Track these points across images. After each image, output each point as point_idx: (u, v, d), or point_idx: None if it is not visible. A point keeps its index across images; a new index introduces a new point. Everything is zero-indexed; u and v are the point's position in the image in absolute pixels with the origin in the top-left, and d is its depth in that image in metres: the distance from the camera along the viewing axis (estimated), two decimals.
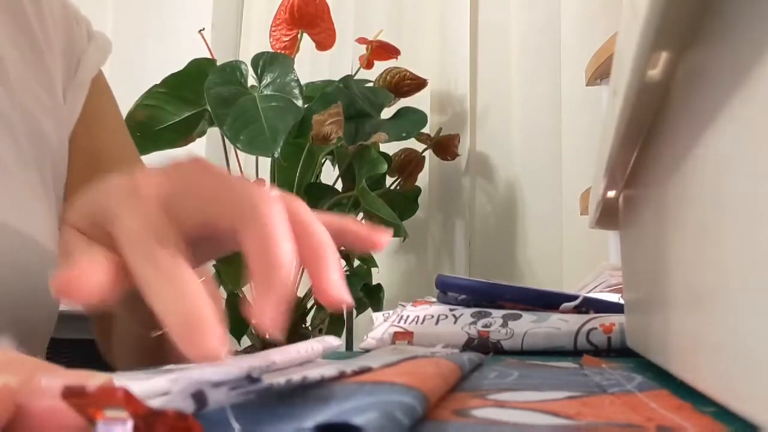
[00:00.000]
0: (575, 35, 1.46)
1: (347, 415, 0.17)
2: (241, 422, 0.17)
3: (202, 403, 0.17)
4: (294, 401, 0.20)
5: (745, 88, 0.17)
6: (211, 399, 0.18)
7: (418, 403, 0.20)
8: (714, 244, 0.20)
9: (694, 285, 0.23)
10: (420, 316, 0.59)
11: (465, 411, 0.22)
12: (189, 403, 0.17)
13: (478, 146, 1.69)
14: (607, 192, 0.41)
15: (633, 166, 0.35)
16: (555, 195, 1.51)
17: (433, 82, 1.59)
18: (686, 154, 0.23)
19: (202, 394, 0.17)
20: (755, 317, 0.16)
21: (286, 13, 1.26)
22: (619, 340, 0.49)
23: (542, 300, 0.57)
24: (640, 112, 0.27)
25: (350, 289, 0.28)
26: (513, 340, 0.53)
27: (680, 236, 0.25)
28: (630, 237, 0.40)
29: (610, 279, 0.76)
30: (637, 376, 0.32)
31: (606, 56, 1.12)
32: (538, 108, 1.59)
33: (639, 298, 0.38)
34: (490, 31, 1.69)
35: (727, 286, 0.19)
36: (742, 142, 0.17)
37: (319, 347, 0.48)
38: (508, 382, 0.31)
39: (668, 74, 0.24)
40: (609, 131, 0.31)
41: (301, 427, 0.17)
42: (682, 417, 0.21)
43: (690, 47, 0.22)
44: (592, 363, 0.39)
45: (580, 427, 0.20)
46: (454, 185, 1.66)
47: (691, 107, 0.22)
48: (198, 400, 0.17)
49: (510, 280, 1.35)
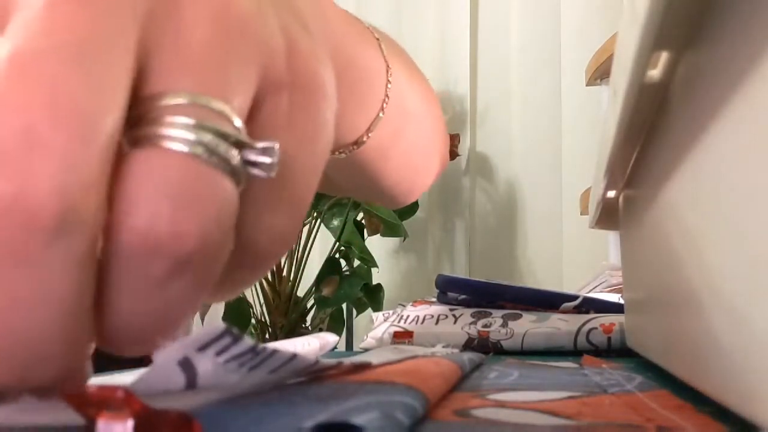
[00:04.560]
0: (575, 35, 1.46)
1: (347, 415, 0.17)
2: (240, 421, 0.17)
3: (192, 373, 0.17)
4: (294, 401, 0.20)
5: (745, 88, 0.17)
6: (199, 367, 0.17)
7: (418, 403, 0.20)
8: (714, 244, 0.20)
9: (693, 285, 0.23)
10: (420, 316, 0.59)
11: (465, 411, 0.22)
12: (178, 373, 0.17)
13: (478, 146, 1.69)
14: (607, 192, 0.41)
15: (633, 166, 0.35)
16: (555, 195, 1.52)
17: (433, 82, 1.59)
18: (686, 154, 0.23)
19: (189, 362, 0.17)
20: (755, 317, 0.16)
21: None
22: (619, 340, 0.49)
23: (542, 300, 0.57)
24: (640, 112, 0.27)
25: (350, 289, 0.28)
26: (513, 340, 0.53)
27: (680, 236, 0.25)
28: (630, 237, 0.40)
29: (610, 279, 0.76)
30: (637, 376, 0.32)
31: (606, 56, 1.12)
32: (538, 108, 1.59)
33: (639, 298, 0.38)
34: (490, 31, 1.69)
35: (727, 286, 0.19)
36: (742, 142, 0.17)
37: (316, 342, 0.48)
38: (508, 382, 0.31)
39: (668, 74, 0.24)
40: (609, 131, 0.31)
41: (301, 426, 0.17)
42: (683, 417, 0.21)
43: (690, 47, 0.22)
44: (592, 363, 0.39)
45: (580, 427, 0.20)
46: (454, 185, 1.66)
47: (691, 107, 0.22)
48: (186, 370, 0.17)
49: (510, 280, 1.35)
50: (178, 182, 0.16)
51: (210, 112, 0.17)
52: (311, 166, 0.19)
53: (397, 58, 0.39)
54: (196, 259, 0.16)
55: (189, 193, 0.16)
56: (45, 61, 0.15)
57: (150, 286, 0.16)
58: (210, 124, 0.16)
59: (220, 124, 0.17)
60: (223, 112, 0.17)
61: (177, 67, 0.17)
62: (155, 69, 0.17)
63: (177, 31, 0.17)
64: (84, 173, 0.15)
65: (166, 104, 0.16)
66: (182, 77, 0.17)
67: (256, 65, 0.18)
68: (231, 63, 0.17)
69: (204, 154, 0.16)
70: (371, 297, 1.55)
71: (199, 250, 0.16)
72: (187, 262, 0.16)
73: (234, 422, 0.17)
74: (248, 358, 0.19)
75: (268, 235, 0.19)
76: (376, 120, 0.36)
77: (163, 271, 0.16)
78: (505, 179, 1.66)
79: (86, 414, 0.16)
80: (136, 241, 0.16)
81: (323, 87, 0.20)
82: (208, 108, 0.17)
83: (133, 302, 0.16)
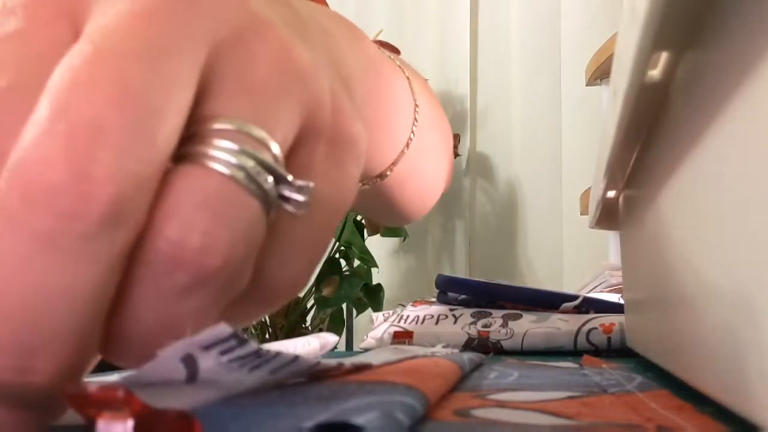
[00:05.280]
0: (575, 35, 1.46)
1: (347, 415, 0.17)
2: (240, 421, 0.17)
3: (193, 369, 0.17)
4: (294, 401, 0.20)
5: (745, 88, 0.17)
6: (201, 364, 0.17)
7: (418, 403, 0.20)
8: (714, 244, 0.20)
9: (693, 285, 0.23)
10: (420, 316, 0.59)
11: (465, 411, 0.22)
12: (180, 368, 0.17)
13: (478, 146, 1.69)
14: (607, 192, 0.41)
15: (633, 166, 0.35)
16: (555, 195, 1.52)
17: (433, 82, 1.59)
18: (686, 154, 0.23)
19: (192, 358, 0.17)
20: (755, 317, 0.16)
21: None
22: (619, 340, 0.49)
23: (542, 300, 0.57)
24: (640, 112, 0.27)
25: (350, 289, 0.28)
26: (513, 340, 0.53)
27: (680, 236, 0.25)
28: (630, 237, 0.40)
29: (610, 279, 0.76)
30: (637, 376, 0.32)
31: (606, 56, 1.12)
32: (538, 108, 1.59)
33: (639, 298, 0.38)
34: (490, 31, 1.69)
35: (727, 285, 0.19)
36: (742, 142, 0.17)
37: (316, 342, 0.48)
38: (508, 382, 0.31)
39: (668, 74, 0.24)
40: (609, 131, 0.31)
41: (301, 426, 0.17)
42: (683, 417, 0.21)
43: (690, 47, 0.22)
44: (592, 363, 0.39)
45: (580, 427, 0.20)
46: (454, 185, 1.66)
47: (691, 107, 0.22)
48: (188, 365, 0.17)
49: (510, 280, 1.35)
50: (215, 201, 0.17)
51: (254, 142, 0.18)
52: (334, 213, 0.21)
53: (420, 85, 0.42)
54: (218, 276, 0.17)
55: (223, 213, 0.17)
56: (121, 60, 0.16)
57: (170, 295, 0.17)
58: (253, 152, 0.18)
59: (262, 153, 0.18)
60: (265, 142, 0.18)
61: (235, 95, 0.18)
62: (214, 92, 0.18)
63: (243, 64, 0.18)
64: (140, 171, 0.16)
65: (217, 127, 0.17)
66: (237, 105, 0.18)
67: (301, 109, 0.20)
68: (281, 102, 0.19)
69: (244, 179, 0.17)
70: (371, 297, 1.55)
71: (224, 268, 0.17)
72: (210, 277, 0.17)
73: (234, 422, 0.17)
74: (250, 360, 0.19)
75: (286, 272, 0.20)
76: (401, 155, 0.39)
77: (186, 282, 0.17)
78: (505, 179, 1.66)
79: (86, 414, 0.16)
80: (166, 249, 0.16)
81: (357, 146, 0.22)
82: (254, 137, 0.18)
83: (150, 309, 0.17)
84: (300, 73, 0.20)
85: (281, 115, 0.19)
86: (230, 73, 0.18)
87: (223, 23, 0.18)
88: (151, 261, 0.16)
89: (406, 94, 0.39)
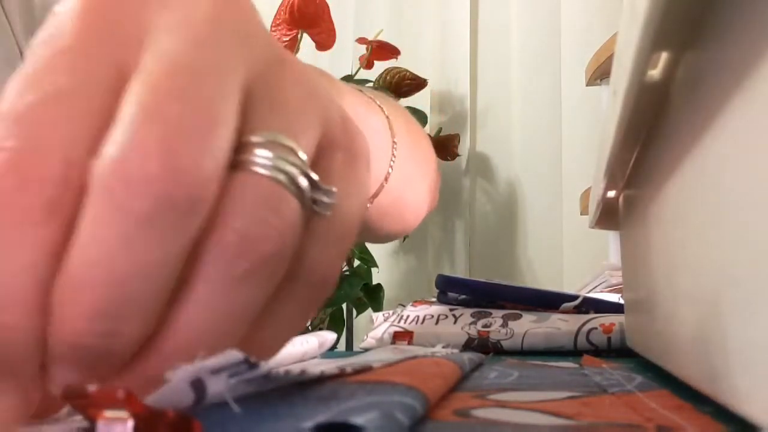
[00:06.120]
0: (575, 35, 1.46)
1: (347, 415, 0.17)
2: (240, 421, 0.17)
3: (201, 393, 0.17)
4: (294, 401, 0.20)
5: (745, 88, 0.17)
6: (210, 388, 0.17)
7: (418, 403, 0.20)
8: (714, 244, 0.20)
9: (693, 285, 0.23)
10: (420, 316, 0.59)
11: (465, 411, 0.22)
12: (188, 392, 0.17)
13: (478, 146, 1.69)
14: (607, 192, 0.41)
15: (633, 166, 0.35)
16: (555, 195, 1.51)
17: (433, 82, 1.59)
18: (686, 154, 0.23)
19: (201, 383, 0.17)
20: (755, 317, 0.16)
21: (286, 13, 1.26)
22: (619, 340, 0.49)
23: (542, 300, 0.57)
24: (640, 112, 0.27)
25: (350, 289, 0.28)
26: (513, 340, 0.53)
27: (680, 236, 0.25)
28: (630, 237, 0.40)
29: (610, 279, 0.76)
30: (637, 376, 0.32)
31: (606, 56, 1.12)
32: (538, 108, 1.58)
33: (639, 298, 0.38)
34: (490, 31, 1.69)
35: (727, 286, 0.19)
36: (742, 141, 0.17)
37: (315, 340, 0.48)
38: (508, 382, 0.31)
39: (668, 74, 0.24)
40: (609, 131, 0.31)
41: (301, 426, 0.17)
42: (682, 417, 0.21)
43: (690, 47, 0.22)
44: (592, 363, 0.39)
45: (580, 427, 0.20)
46: (454, 185, 1.66)
47: (691, 107, 0.22)
48: (197, 389, 0.17)
49: (510, 280, 1.35)
50: (268, 200, 0.20)
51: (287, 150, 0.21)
52: (355, 211, 0.24)
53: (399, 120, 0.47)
54: (271, 262, 0.19)
55: (275, 209, 0.20)
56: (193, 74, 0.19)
57: (232, 281, 0.19)
58: (290, 158, 0.21)
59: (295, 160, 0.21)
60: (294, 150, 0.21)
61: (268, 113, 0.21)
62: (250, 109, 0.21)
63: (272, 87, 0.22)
64: (214, 166, 0.18)
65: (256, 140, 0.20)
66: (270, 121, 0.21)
67: (320, 124, 0.23)
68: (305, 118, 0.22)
69: (285, 180, 0.20)
70: (371, 297, 1.55)
71: (276, 255, 0.20)
72: (265, 263, 0.19)
73: (234, 422, 0.17)
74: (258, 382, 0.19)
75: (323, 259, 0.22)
76: (380, 188, 0.44)
77: (247, 267, 0.19)
78: (505, 179, 1.66)
79: (86, 414, 0.16)
80: (233, 239, 0.19)
81: (365, 152, 0.25)
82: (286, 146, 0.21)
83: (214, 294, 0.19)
84: (317, 95, 0.23)
85: (306, 128, 0.22)
86: (263, 95, 0.21)
87: (256, 53, 0.22)
88: (219, 250, 0.19)
89: (384, 132, 0.45)
